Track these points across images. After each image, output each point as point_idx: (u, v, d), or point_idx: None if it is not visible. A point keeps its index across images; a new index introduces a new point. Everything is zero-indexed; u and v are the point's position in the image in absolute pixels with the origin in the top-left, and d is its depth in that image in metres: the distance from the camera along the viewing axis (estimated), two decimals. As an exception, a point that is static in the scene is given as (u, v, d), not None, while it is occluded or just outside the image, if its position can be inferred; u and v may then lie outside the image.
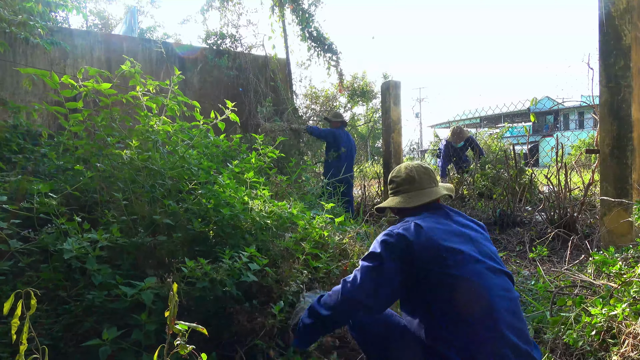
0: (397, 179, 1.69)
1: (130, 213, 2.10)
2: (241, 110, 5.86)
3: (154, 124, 2.45)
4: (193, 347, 1.12)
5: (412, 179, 1.65)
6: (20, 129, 3.12)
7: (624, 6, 3.03)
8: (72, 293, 1.76)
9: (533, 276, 3.16)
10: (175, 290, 1.14)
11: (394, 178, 1.71)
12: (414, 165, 1.70)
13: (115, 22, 12.09)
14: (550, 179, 4.35)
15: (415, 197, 1.62)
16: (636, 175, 3.03)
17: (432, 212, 1.57)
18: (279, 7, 6.22)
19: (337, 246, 2.55)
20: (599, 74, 3.19)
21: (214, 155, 2.97)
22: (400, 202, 1.63)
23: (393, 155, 5.65)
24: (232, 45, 6.32)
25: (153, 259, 1.98)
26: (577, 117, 25.20)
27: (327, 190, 4.36)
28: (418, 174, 1.66)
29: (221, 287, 1.82)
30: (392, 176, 1.72)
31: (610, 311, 1.77)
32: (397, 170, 1.72)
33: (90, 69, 2.17)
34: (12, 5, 3.49)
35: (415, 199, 1.61)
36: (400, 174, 1.69)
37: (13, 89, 4.64)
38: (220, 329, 1.98)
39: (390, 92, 5.65)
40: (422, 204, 1.60)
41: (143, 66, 5.32)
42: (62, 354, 1.62)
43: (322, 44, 6.35)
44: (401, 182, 1.67)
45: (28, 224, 1.85)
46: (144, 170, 2.30)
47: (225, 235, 2.22)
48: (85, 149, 2.38)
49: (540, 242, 3.65)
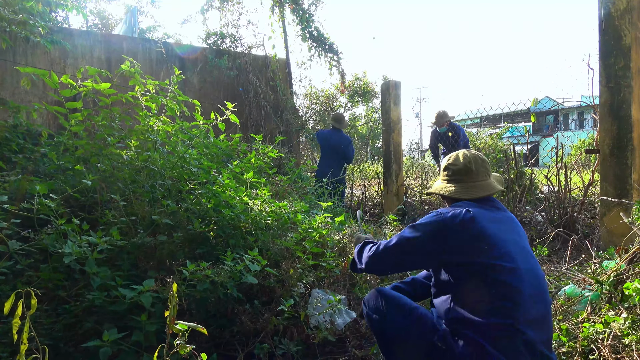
0: (454, 167, 1.65)
1: (130, 213, 2.10)
2: (241, 110, 5.86)
3: (154, 124, 2.45)
4: (193, 347, 1.12)
5: (469, 170, 1.63)
6: (20, 128, 3.12)
7: (624, 6, 3.03)
8: (72, 293, 1.77)
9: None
10: (175, 290, 1.14)
11: (450, 165, 1.67)
12: (472, 156, 1.66)
13: (115, 22, 12.10)
14: (550, 179, 4.35)
15: (470, 189, 1.61)
16: (636, 175, 3.03)
17: (483, 203, 1.58)
18: (279, 7, 6.22)
19: (336, 245, 2.55)
20: (599, 74, 3.19)
21: (214, 156, 2.97)
22: (455, 191, 1.62)
23: (393, 155, 5.66)
24: (232, 45, 6.33)
25: (153, 259, 1.98)
26: (577, 117, 25.21)
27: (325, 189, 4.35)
28: (476, 165, 1.64)
29: (222, 289, 1.82)
30: (449, 163, 1.68)
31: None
32: (455, 158, 1.68)
33: (90, 68, 2.17)
34: (12, 4, 3.49)
35: (471, 191, 1.60)
36: (458, 163, 1.65)
37: (13, 88, 4.64)
38: (221, 329, 1.98)
39: (390, 92, 5.66)
40: (479, 198, 1.59)
41: (143, 66, 5.34)
42: (63, 354, 1.62)
43: (323, 44, 6.35)
44: (458, 171, 1.64)
45: (28, 224, 1.85)
46: (144, 170, 2.30)
47: (225, 236, 2.22)
48: (85, 148, 2.38)
49: (540, 242, 3.65)
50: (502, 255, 1.40)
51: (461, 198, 1.60)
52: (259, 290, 2.11)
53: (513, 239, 1.48)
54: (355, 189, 6.76)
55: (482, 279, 1.40)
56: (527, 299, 1.37)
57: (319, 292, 2.21)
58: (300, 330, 2.04)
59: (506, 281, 1.37)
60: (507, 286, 1.37)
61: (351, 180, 6.88)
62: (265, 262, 1.99)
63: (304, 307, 2.09)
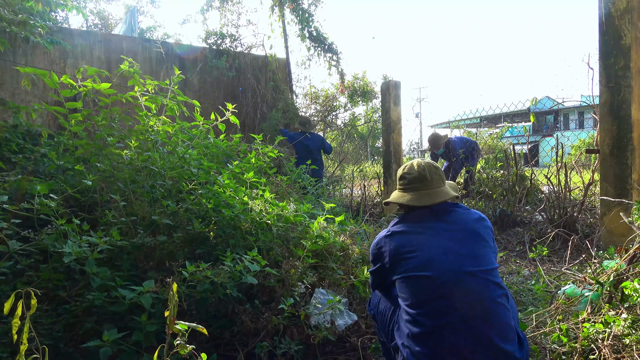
0: (409, 176, 1.69)
1: (130, 213, 2.10)
2: (241, 110, 5.86)
3: (154, 124, 2.45)
4: (193, 347, 1.12)
5: (424, 178, 1.66)
6: (20, 129, 3.12)
7: (624, 6, 3.03)
8: (72, 293, 1.76)
9: (533, 276, 3.16)
10: (175, 291, 1.14)
11: (405, 174, 1.71)
12: (426, 164, 1.70)
13: (115, 22, 12.10)
14: (550, 179, 4.35)
15: (425, 196, 1.64)
16: (636, 175, 3.03)
17: (437, 211, 1.63)
18: (278, 6, 6.21)
19: (337, 245, 2.55)
20: (599, 74, 3.19)
21: (214, 156, 2.97)
22: (411, 199, 1.65)
23: (393, 155, 5.65)
24: (232, 45, 6.32)
25: (153, 259, 1.97)
26: (577, 117, 25.20)
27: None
28: (430, 173, 1.67)
29: (222, 289, 1.82)
30: (404, 172, 1.72)
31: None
32: (410, 167, 1.72)
33: (90, 68, 2.17)
34: (12, 4, 3.49)
35: (426, 198, 1.64)
36: (413, 172, 1.69)
37: (13, 88, 4.64)
38: (221, 330, 1.98)
39: (390, 92, 5.65)
40: (427, 206, 1.63)
41: (143, 66, 5.34)
42: (63, 354, 1.62)
43: (323, 43, 6.34)
44: (413, 179, 1.68)
45: (28, 224, 1.85)
46: (144, 170, 2.30)
47: (225, 236, 2.22)
48: (85, 148, 2.38)
49: (540, 242, 3.65)
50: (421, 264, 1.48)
51: (417, 205, 1.64)
52: (260, 290, 2.11)
53: (438, 245, 1.52)
54: (355, 189, 6.76)
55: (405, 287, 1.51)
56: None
57: (322, 291, 2.21)
58: (301, 330, 2.04)
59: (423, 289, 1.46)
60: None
61: (351, 180, 6.88)
62: (265, 262, 1.99)
63: (305, 307, 2.09)
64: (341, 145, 8.16)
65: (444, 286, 1.42)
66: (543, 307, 2.41)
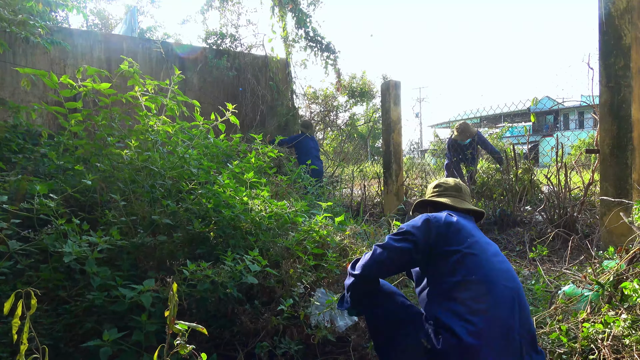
0: (446, 185, 1.93)
1: (130, 213, 2.10)
2: (241, 110, 5.86)
3: (154, 124, 2.45)
4: (193, 347, 1.12)
5: (459, 189, 1.91)
6: (20, 129, 3.12)
7: (624, 6, 3.03)
8: (72, 293, 1.76)
9: (533, 276, 3.16)
10: (175, 290, 1.14)
11: (442, 183, 1.94)
12: (459, 181, 1.96)
13: (115, 22, 12.10)
14: (550, 178, 4.35)
15: (461, 202, 1.85)
16: (636, 175, 3.03)
17: (467, 218, 1.79)
18: (279, 7, 6.22)
19: (336, 245, 2.55)
20: (599, 74, 3.19)
21: (214, 156, 2.97)
22: (450, 201, 1.84)
23: (393, 155, 5.65)
24: (232, 45, 6.33)
25: (153, 259, 1.98)
26: (577, 117, 25.19)
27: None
28: (464, 187, 1.93)
29: (223, 289, 1.82)
30: (441, 182, 1.95)
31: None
32: (446, 179, 1.96)
33: (90, 68, 2.17)
34: (12, 4, 3.49)
35: (463, 204, 1.84)
36: (449, 183, 1.93)
37: (13, 88, 4.64)
38: (221, 330, 1.98)
39: (390, 92, 5.65)
40: (465, 209, 1.81)
41: (143, 66, 5.34)
42: (63, 354, 1.62)
43: (320, 43, 6.35)
44: (449, 188, 1.91)
45: (28, 224, 1.85)
46: (144, 170, 2.30)
47: (225, 236, 2.22)
48: (85, 148, 2.38)
49: (540, 242, 3.65)
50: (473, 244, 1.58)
51: (456, 207, 1.80)
52: (259, 290, 2.11)
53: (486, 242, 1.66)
54: (355, 189, 6.76)
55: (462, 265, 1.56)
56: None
57: (322, 291, 2.21)
58: (300, 330, 2.04)
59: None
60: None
61: (351, 180, 6.88)
62: (265, 262, 1.99)
63: (304, 307, 2.09)
64: (341, 145, 8.17)
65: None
66: (543, 307, 2.41)
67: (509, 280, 1.52)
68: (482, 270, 1.50)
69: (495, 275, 1.51)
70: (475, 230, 1.70)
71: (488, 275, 1.49)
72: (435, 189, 1.95)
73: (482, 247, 1.59)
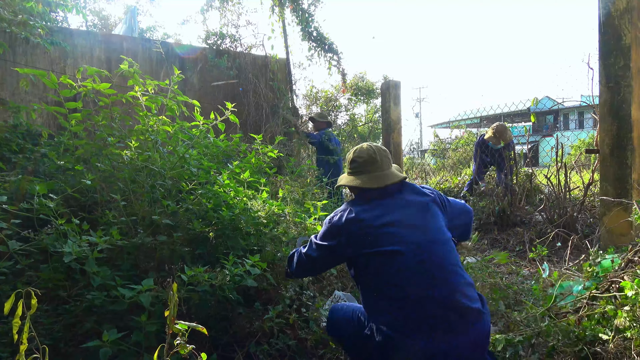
0: (360, 160, 1.74)
1: (130, 213, 2.10)
2: (241, 110, 5.85)
3: (154, 124, 2.44)
4: (193, 347, 1.12)
5: (374, 160, 1.71)
6: (20, 129, 3.12)
7: (624, 6, 3.03)
8: (72, 293, 1.76)
9: (533, 276, 3.16)
10: (175, 290, 1.14)
11: (356, 158, 1.75)
12: (375, 147, 1.76)
13: (115, 21, 12.09)
14: (550, 178, 4.35)
15: (378, 178, 1.68)
16: (636, 175, 3.03)
17: (387, 191, 1.67)
18: (279, 7, 6.21)
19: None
20: (599, 74, 3.19)
21: (214, 156, 2.97)
22: (364, 182, 1.69)
23: (393, 155, 5.65)
24: (232, 45, 6.32)
25: (153, 260, 1.98)
26: (577, 117, 25.20)
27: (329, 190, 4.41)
28: (380, 156, 1.73)
29: (221, 291, 1.83)
30: (355, 156, 1.76)
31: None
32: (360, 150, 1.76)
33: (90, 68, 2.17)
34: (12, 5, 3.49)
35: (380, 180, 1.68)
36: (363, 155, 1.74)
37: (13, 89, 4.64)
38: (220, 331, 1.98)
39: (390, 92, 5.66)
40: (383, 186, 1.66)
41: (143, 66, 5.34)
42: (63, 354, 1.62)
43: (323, 43, 6.34)
44: (364, 162, 1.72)
45: (28, 224, 1.85)
46: (144, 170, 2.30)
47: (225, 237, 2.23)
48: (85, 148, 2.38)
49: (540, 242, 3.65)
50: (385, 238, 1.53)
51: (369, 187, 1.67)
52: (257, 292, 2.12)
53: (398, 220, 1.57)
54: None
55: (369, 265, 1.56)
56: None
57: (340, 294, 2.24)
58: (295, 334, 2.05)
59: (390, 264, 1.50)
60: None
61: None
62: (265, 266, 2.00)
63: (297, 309, 2.10)
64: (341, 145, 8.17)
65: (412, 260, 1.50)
66: (543, 307, 2.41)
67: (420, 252, 1.50)
68: (394, 264, 1.49)
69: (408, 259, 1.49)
70: (391, 207, 1.61)
71: (401, 266, 1.48)
72: (351, 166, 1.79)
73: (393, 231, 1.53)
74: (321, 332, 2.04)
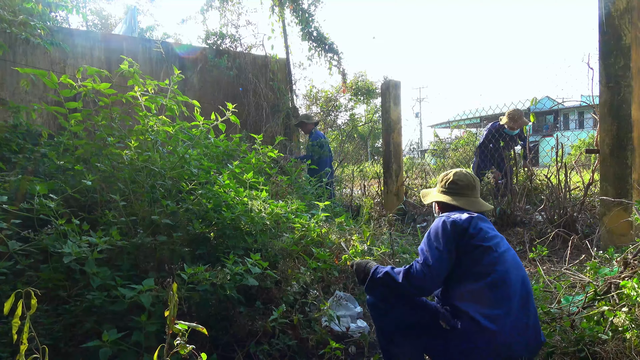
0: (461, 183, 1.87)
1: (130, 213, 2.10)
2: (241, 110, 5.85)
3: (154, 124, 2.44)
4: (193, 347, 1.12)
5: (473, 187, 1.87)
6: (20, 129, 3.12)
7: (624, 6, 3.03)
8: (72, 293, 1.76)
9: (533, 276, 3.15)
10: (175, 290, 1.14)
11: (457, 180, 1.87)
12: (472, 175, 1.90)
13: (115, 21, 12.10)
14: (550, 178, 4.34)
15: (474, 203, 1.85)
16: (636, 175, 3.03)
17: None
18: (278, 7, 6.21)
19: (334, 245, 2.55)
20: (599, 74, 3.19)
21: (214, 156, 2.97)
22: (465, 203, 1.83)
23: (393, 155, 5.65)
24: (232, 45, 6.32)
25: (153, 260, 1.98)
26: (577, 117, 25.20)
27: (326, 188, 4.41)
28: (477, 184, 1.90)
29: (222, 291, 1.82)
30: (456, 178, 1.88)
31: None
32: (461, 174, 1.89)
33: (90, 68, 2.17)
34: (12, 5, 3.49)
35: (476, 205, 1.84)
36: (464, 180, 1.87)
37: (13, 89, 4.64)
38: (221, 331, 1.98)
39: (390, 92, 5.65)
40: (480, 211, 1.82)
41: (143, 66, 5.34)
42: (63, 354, 1.62)
43: (323, 43, 6.34)
44: (464, 186, 1.86)
45: (28, 224, 1.85)
46: (144, 170, 2.30)
47: (225, 237, 2.22)
48: (85, 148, 2.38)
49: (540, 242, 3.65)
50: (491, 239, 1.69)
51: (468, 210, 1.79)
52: (258, 291, 2.11)
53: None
54: (355, 189, 6.75)
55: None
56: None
57: (341, 294, 2.24)
58: (297, 334, 2.04)
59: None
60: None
61: (351, 180, 6.88)
62: (266, 265, 1.99)
63: (300, 309, 2.10)
64: (341, 145, 8.17)
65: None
66: (542, 308, 2.41)
67: (520, 271, 1.66)
68: (499, 265, 1.59)
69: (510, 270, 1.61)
70: (492, 227, 1.78)
71: (505, 270, 1.59)
72: (450, 186, 1.88)
73: (499, 243, 1.69)
74: (323, 332, 2.03)
